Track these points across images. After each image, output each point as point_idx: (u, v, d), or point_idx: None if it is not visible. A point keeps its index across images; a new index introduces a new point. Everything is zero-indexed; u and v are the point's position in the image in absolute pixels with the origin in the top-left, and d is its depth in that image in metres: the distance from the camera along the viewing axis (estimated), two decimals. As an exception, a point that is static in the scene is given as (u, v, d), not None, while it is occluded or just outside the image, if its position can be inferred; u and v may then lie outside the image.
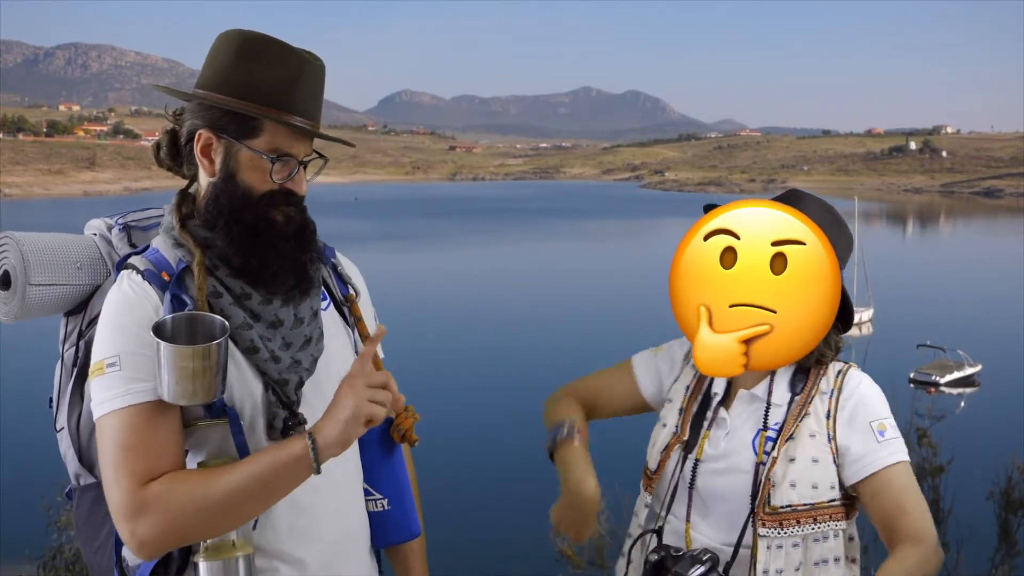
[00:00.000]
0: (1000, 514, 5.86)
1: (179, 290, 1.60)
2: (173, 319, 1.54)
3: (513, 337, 32.14)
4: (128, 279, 1.61)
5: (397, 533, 1.83)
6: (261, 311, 1.64)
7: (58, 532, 7.12)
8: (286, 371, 1.65)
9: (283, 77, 1.63)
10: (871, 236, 68.76)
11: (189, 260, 1.63)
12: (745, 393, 1.85)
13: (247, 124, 1.62)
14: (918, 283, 48.73)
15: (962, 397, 25.64)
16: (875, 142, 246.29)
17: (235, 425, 1.58)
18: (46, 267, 1.72)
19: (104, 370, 1.54)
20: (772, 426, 1.80)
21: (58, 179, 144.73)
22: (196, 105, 1.65)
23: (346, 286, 1.86)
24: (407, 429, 1.81)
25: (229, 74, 1.62)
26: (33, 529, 7.88)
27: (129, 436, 1.51)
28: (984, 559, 5.91)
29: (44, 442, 8.05)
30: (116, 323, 1.57)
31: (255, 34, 1.65)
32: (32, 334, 28.70)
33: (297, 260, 1.67)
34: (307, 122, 1.65)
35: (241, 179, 1.63)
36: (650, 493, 1.91)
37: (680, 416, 1.90)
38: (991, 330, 33.89)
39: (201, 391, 1.50)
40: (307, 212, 1.71)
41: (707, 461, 1.83)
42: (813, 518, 1.75)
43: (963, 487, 6.36)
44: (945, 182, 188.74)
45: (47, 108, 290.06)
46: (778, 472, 1.75)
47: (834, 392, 1.82)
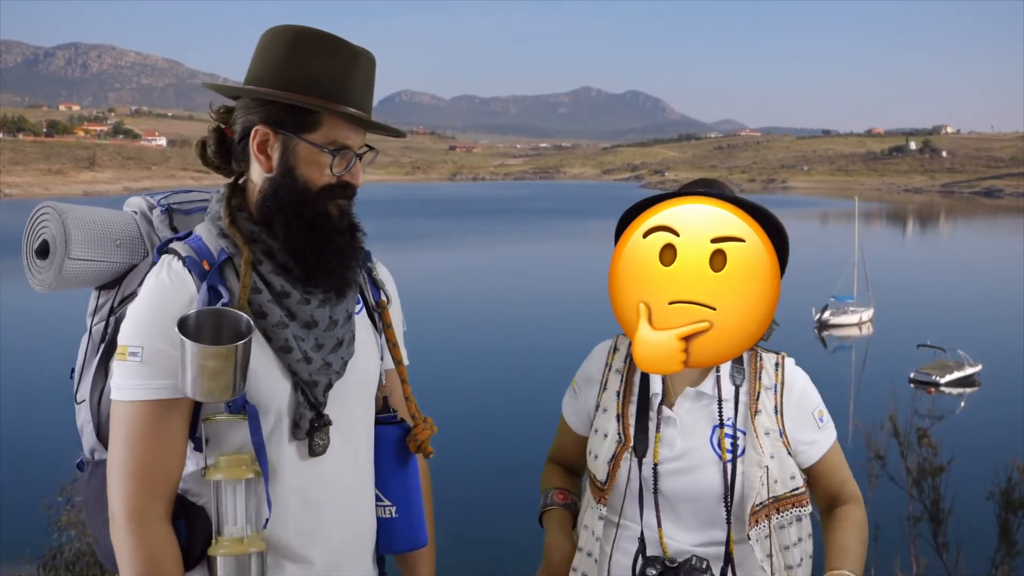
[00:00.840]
0: (1000, 514, 5.85)
1: (217, 281, 1.60)
2: (198, 314, 1.54)
3: (513, 337, 32.13)
4: (169, 266, 1.61)
5: (402, 542, 1.82)
6: (297, 310, 1.64)
7: (58, 532, 7.12)
8: (317, 372, 1.65)
9: (338, 69, 1.63)
10: (871, 236, 68.77)
11: (232, 251, 1.63)
12: (691, 391, 1.85)
13: (305, 118, 1.61)
14: (918, 283, 48.72)
15: (962, 397, 25.63)
16: (875, 142, 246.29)
17: (254, 424, 1.59)
18: (87, 242, 1.70)
19: (126, 357, 1.56)
20: (727, 423, 1.82)
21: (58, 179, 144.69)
22: (249, 101, 1.64)
23: (379, 291, 1.86)
24: (423, 441, 1.80)
25: (283, 69, 1.61)
26: (33, 529, 7.88)
27: (138, 431, 1.56)
28: (984, 559, 5.90)
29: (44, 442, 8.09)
30: (148, 313, 1.58)
31: (307, 28, 1.64)
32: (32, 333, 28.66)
33: (350, 256, 1.68)
34: (362, 113, 1.65)
35: (300, 173, 1.63)
36: (604, 505, 1.87)
37: (619, 423, 1.88)
38: (991, 330, 33.88)
39: (220, 389, 1.51)
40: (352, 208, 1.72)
41: (665, 463, 1.82)
42: (776, 509, 1.82)
43: (963, 487, 6.36)
44: (945, 182, 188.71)
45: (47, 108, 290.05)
46: (748, 473, 1.79)
47: (777, 387, 1.87)
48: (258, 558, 1.58)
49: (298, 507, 1.66)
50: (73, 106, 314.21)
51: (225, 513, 1.59)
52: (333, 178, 1.64)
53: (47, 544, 7.14)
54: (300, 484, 1.67)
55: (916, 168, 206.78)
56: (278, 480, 1.64)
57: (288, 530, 1.66)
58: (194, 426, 1.62)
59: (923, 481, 6.09)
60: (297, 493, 1.66)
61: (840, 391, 24.95)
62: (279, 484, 1.64)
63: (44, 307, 38.61)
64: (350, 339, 1.72)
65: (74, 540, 7.07)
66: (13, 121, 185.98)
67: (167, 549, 1.56)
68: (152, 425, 1.56)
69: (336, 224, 1.65)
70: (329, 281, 1.66)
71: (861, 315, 37.95)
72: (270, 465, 1.62)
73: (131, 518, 1.54)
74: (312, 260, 1.63)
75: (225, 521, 1.59)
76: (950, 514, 5.99)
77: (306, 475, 1.67)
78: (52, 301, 37.45)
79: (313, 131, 1.62)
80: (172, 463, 1.58)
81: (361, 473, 1.77)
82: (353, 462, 1.74)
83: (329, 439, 1.68)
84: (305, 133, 1.62)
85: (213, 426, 1.61)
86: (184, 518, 1.61)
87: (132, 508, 1.55)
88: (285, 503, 1.65)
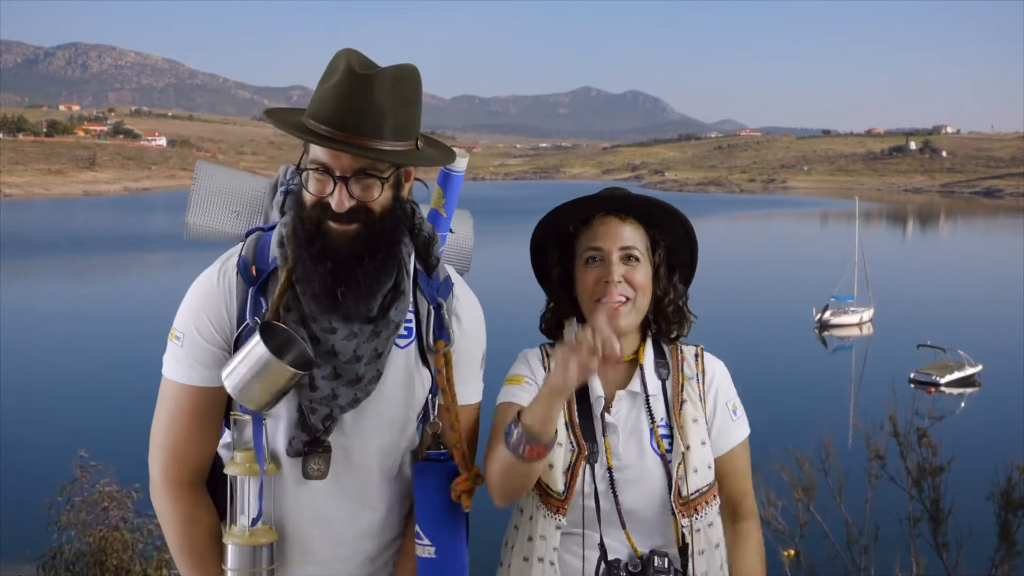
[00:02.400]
0: (1000, 514, 5.85)
1: (261, 293, 1.69)
2: (285, 330, 1.64)
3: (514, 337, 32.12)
4: (224, 269, 1.72)
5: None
6: (321, 337, 1.65)
7: (58, 532, 7.12)
8: (318, 401, 1.67)
9: (327, 84, 1.58)
10: (871, 236, 68.74)
11: (281, 264, 1.67)
12: (623, 392, 1.91)
13: (304, 147, 1.66)
14: (918, 283, 48.71)
15: (962, 397, 25.62)
16: (875, 142, 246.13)
17: (256, 427, 1.70)
18: (202, 209, 1.85)
19: (172, 338, 1.72)
20: (660, 422, 1.90)
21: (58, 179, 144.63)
22: None
23: (445, 332, 1.77)
24: (462, 492, 1.76)
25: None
26: (33, 529, 7.87)
27: (174, 410, 1.72)
28: (984, 559, 5.90)
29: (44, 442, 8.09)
30: (195, 302, 1.71)
31: (340, 54, 1.60)
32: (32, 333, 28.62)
33: (328, 287, 1.62)
34: (333, 131, 1.56)
35: (302, 198, 1.65)
36: (563, 515, 1.86)
37: (569, 430, 1.88)
38: (991, 330, 33.86)
39: (257, 398, 1.62)
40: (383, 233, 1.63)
41: (618, 471, 1.86)
42: (714, 495, 1.92)
43: (963, 487, 6.36)
44: (945, 182, 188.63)
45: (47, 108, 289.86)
46: (684, 464, 1.87)
47: (699, 376, 1.98)
48: (269, 549, 1.70)
49: (291, 518, 1.74)
50: (73, 106, 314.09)
51: (240, 503, 1.70)
52: (313, 198, 1.61)
53: (47, 544, 7.14)
54: (290, 502, 1.73)
55: (916, 168, 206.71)
56: (283, 484, 1.73)
57: (285, 533, 1.75)
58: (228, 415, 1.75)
59: (923, 481, 6.09)
60: (292, 505, 1.73)
61: (840, 391, 24.96)
62: (282, 488, 1.73)
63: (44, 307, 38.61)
64: (372, 378, 1.69)
65: (74, 540, 7.07)
66: (13, 121, 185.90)
67: (203, 511, 1.74)
68: (187, 408, 1.71)
69: (340, 247, 1.60)
70: (337, 306, 1.62)
71: (861, 315, 37.94)
72: (281, 466, 1.73)
73: (167, 484, 1.73)
74: (318, 283, 1.61)
75: (240, 512, 1.70)
76: (950, 514, 5.99)
77: (298, 495, 1.73)
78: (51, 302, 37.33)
79: (305, 157, 1.65)
80: (204, 444, 1.74)
81: (371, 503, 1.78)
82: (362, 492, 1.76)
83: (328, 465, 1.71)
84: (302, 159, 1.66)
85: (239, 424, 1.74)
86: (218, 486, 1.76)
87: (167, 476, 1.73)
88: (284, 509, 1.74)
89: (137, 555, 7.01)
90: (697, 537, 1.86)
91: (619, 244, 1.92)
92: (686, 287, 2.03)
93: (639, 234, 1.95)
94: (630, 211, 1.95)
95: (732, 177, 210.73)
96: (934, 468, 6.08)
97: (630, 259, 1.92)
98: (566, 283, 1.99)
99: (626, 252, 1.92)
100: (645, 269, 1.93)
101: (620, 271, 1.90)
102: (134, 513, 7.26)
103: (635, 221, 1.95)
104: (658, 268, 1.97)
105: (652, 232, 1.97)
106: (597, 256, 1.92)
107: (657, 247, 1.97)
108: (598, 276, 1.91)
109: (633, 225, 1.95)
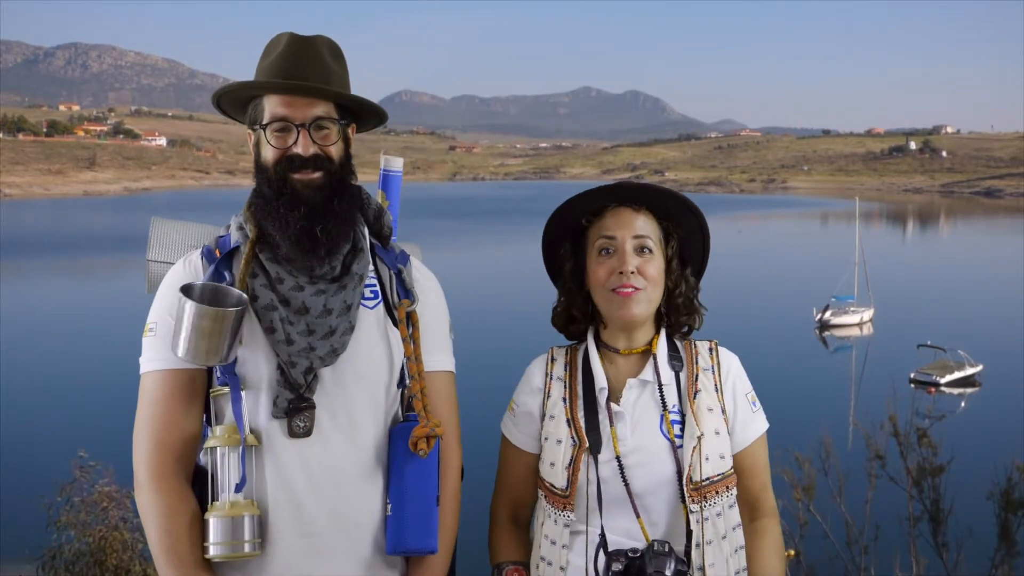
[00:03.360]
0: (1000, 514, 5.85)
1: (223, 267, 1.77)
2: (201, 286, 1.71)
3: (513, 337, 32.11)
4: (187, 258, 1.82)
5: (396, 542, 1.78)
6: (291, 296, 1.74)
7: (58, 532, 7.11)
8: (296, 355, 1.71)
9: (278, 53, 1.77)
10: (871, 236, 68.73)
11: (242, 242, 1.78)
12: (634, 380, 1.91)
13: (257, 109, 1.78)
14: (918, 283, 48.69)
15: (962, 397, 25.60)
16: (875, 142, 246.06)
17: (234, 396, 1.71)
18: (164, 247, 1.92)
19: (147, 333, 1.77)
20: (672, 408, 1.88)
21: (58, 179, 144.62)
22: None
23: (408, 293, 1.86)
24: (417, 437, 1.77)
25: (256, 71, 1.81)
26: (33, 529, 7.87)
27: (153, 398, 1.74)
28: (984, 559, 5.90)
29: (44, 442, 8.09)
30: (161, 293, 1.79)
31: (282, 35, 1.81)
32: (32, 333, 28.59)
33: (305, 229, 1.73)
34: (287, 81, 1.74)
35: (262, 159, 1.78)
36: (570, 511, 1.86)
37: (570, 427, 1.89)
38: (991, 330, 33.85)
39: (207, 352, 1.65)
40: (343, 181, 1.79)
41: (626, 457, 1.85)
42: (726, 487, 1.90)
43: (963, 487, 6.36)
44: (945, 182, 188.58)
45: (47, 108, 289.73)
46: (699, 450, 1.86)
47: (715, 368, 1.97)
48: (251, 520, 1.67)
49: (278, 485, 1.72)
50: (73, 106, 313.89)
51: (221, 479, 1.69)
52: (279, 152, 1.74)
53: (47, 544, 7.13)
54: (282, 463, 1.72)
55: (916, 168, 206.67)
56: (264, 455, 1.73)
57: (270, 505, 1.72)
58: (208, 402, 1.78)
59: (923, 481, 6.10)
60: (278, 471, 1.72)
61: (840, 391, 24.95)
62: (264, 460, 1.73)
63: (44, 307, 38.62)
64: (345, 329, 1.76)
65: (74, 540, 7.06)
66: (13, 121, 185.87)
67: (184, 504, 1.70)
68: (163, 394, 1.73)
69: (308, 197, 1.74)
70: (299, 245, 1.73)
71: (862, 315, 37.92)
72: (261, 440, 1.73)
73: (152, 477, 1.70)
74: (284, 232, 1.73)
75: (221, 487, 1.68)
76: (950, 514, 5.99)
77: (288, 455, 1.73)
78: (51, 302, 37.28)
79: (261, 119, 1.77)
80: (187, 427, 1.73)
81: (362, 463, 1.78)
82: (349, 450, 1.76)
83: (312, 422, 1.73)
84: (260, 122, 1.77)
85: (218, 400, 1.74)
86: (199, 484, 1.75)
87: (151, 467, 1.71)
88: (269, 479, 1.72)
89: (137, 555, 7.00)
90: (705, 526, 1.83)
91: (632, 232, 1.91)
92: (697, 280, 2.02)
93: (652, 225, 1.94)
94: (643, 202, 1.95)
95: (732, 177, 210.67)
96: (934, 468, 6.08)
97: (643, 250, 1.91)
98: (578, 276, 1.99)
99: (639, 242, 1.91)
100: (658, 261, 1.92)
101: (634, 262, 1.89)
102: (133, 513, 7.24)
103: (648, 212, 1.94)
104: (671, 260, 1.96)
105: (665, 224, 1.96)
106: (610, 247, 1.91)
107: (670, 239, 1.97)
108: (611, 267, 1.90)
109: (646, 216, 1.94)
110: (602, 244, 1.92)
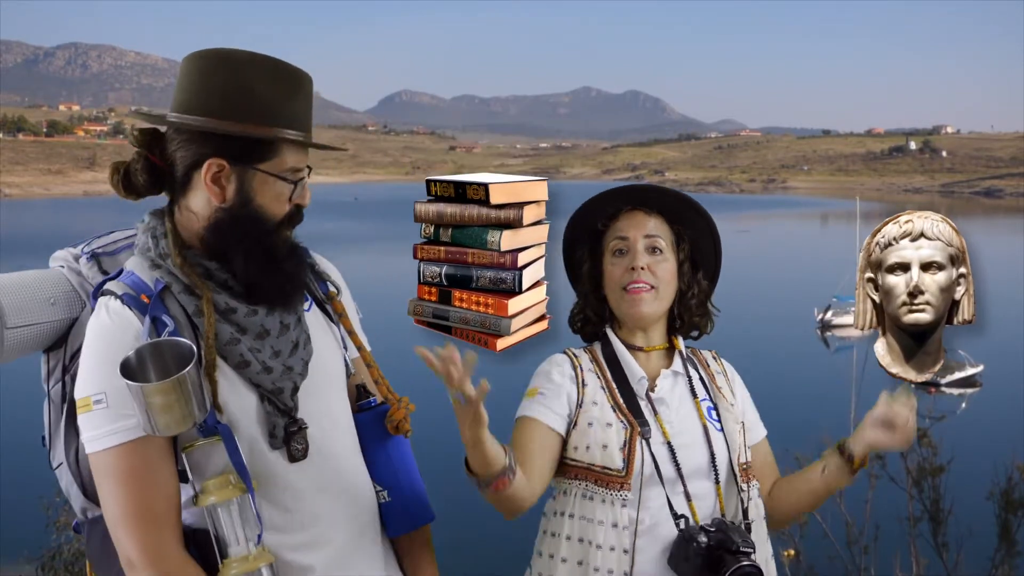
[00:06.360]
0: (1000, 514, 5.86)
1: (159, 311, 1.58)
2: (137, 353, 1.52)
3: (513, 337, 32.05)
4: (107, 307, 1.59)
5: (402, 524, 1.82)
6: (247, 324, 1.64)
7: (57, 532, 7.11)
8: (279, 379, 1.65)
9: (284, 93, 1.63)
10: (871, 236, 68.37)
11: (167, 280, 1.61)
12: (667, 371, 2.02)
13: (262, 148, 1.61)
14: (918, 283, 48.56)
15: (963, 397, 25.62)
16: (875, 142, 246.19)
17: (229, 443, 1.57)
18: (20, 309, 1.67)
19: (91, 407, 1.54)
20: (703, 398, 2.01)
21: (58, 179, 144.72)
22: (196, 132, 1.60)
23: (325, 284, 1.86)
24: (400, 420, 1.80)
25: (230, 98, 1.59)
26: (33, 529, 7.87)
27: (124, 474, 1.54)
28: (984, 559, 5.90)
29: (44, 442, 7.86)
30: (99, 357, 1.56)
31: (244, 53, 1.63)
32: (32, 334, 28.03)
33: (301, 275, 1.72)
34: (309, 139, 1.69)
35: (259, 204, 1.63)
36: (627, 490, 1.88)
37: (616, 411, 1.95)
38: (991, 330, 33.79)
39: (177, 421, 1.50)
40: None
41: (675, 437, 1.94)
42: (752, 475, 2.02)
43: (963, 487, 6.36)
44: (945, 182, 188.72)
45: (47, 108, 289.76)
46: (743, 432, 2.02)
47: (723, 372, 2.11)
48: (269, 570, 1.59)
49: (291, 515, 1.66)
50: (73, 106, 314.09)
51: (226, 535, 1.58)
52: (292, 206, 1.67)
53: (46, 544, 7.13)
54: (289, 492, 1.67)
55: (916, 168, 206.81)
56: (268, 491, 1.64)
57: (287, 539, 1.66)
58: (177, 457, 1.60)
59: (923, 481, 6.10)
60: (289, 501, 1.67)
61: (842, 391, 24.93)
62: (270, 495, 1.64)
63: (44, 307, 38.51)
64: (305, 340, 1.72)
65: (73, 540, 7.06)
66: (13, 121, 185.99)
67: (194, 569, 1.57)
68: (136, 464, 1.55)
69: (282, 253, 1.67)
70: (286, 303, 1.68)
71: (861, 315, 37.87)
72: (259, 478, 1.62)
73: (149, 560, 1.53)
74: (268, 287, 1.65)
75: (228, 543, 1.58)
76: (950, 514, 5.99)
77: (293, 482, 1.67)
78: (52, 301, 37.13)
79: (269, 160, 1.62)
80: (169, 494, 1.58)
81: (350, 466, 1.78)
82: (339, 458, 1.75)
83: (307, 442, 1.68)
84: (261, 163, 1.62)
85: (194, 454, 1.58)
86: (194, 546, 1.60)
87: (146, 548, 1.54)
88: (279, 513, 1.66)
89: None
90: (751, 505, 1.95)
91: (644, 232, 1.99)
92: (711, 284, 2.10)
93: (664, 228, 2.02)
94: (655, 206, 2.03)
95: (732, 177, 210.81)
96: (934, 468, 6.09)
97: (654, 251, 1.99)
98: (595, 279, 2.06)
99: (650, 242, 1.99)
100: (669, 262, 2.00)
101: (645, 260, 1.97)
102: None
103: (660, 216, 2.03)
104: (682, 263, 2.04)
105: (677, 228, 2.05)
106: (623, 247, 2.00)
107: (682, 242, 2.04)
108: (624, 266, 1.98)
109: (658, 219, 2.03)
110: (616, 245, 2.01)
